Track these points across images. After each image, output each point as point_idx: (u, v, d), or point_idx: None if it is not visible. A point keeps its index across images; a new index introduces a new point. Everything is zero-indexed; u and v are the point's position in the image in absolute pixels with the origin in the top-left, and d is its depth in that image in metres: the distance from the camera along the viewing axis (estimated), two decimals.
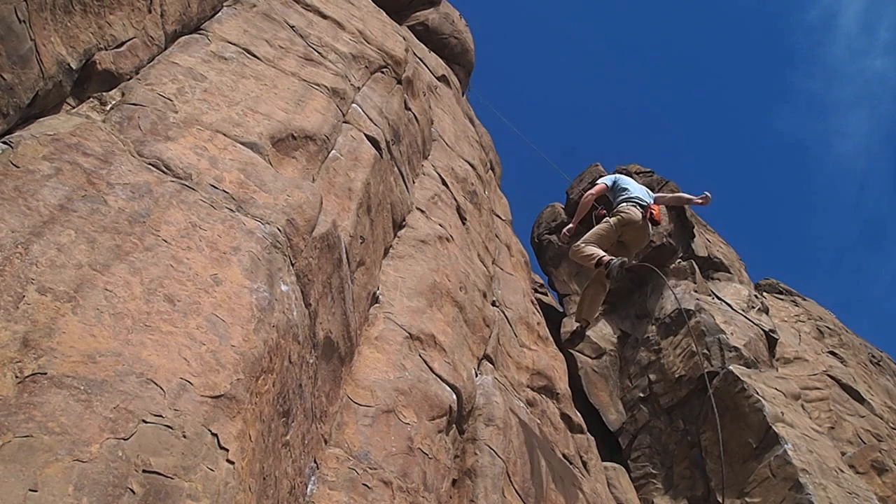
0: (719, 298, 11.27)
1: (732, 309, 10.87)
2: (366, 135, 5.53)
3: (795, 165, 65.55)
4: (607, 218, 6.28)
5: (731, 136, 65.86)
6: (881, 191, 64.66)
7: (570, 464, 6.59)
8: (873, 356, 13.39)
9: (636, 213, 6.10)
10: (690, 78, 65.15)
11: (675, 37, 64.95)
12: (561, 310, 12.20)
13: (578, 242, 6.09)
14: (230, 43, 4.85)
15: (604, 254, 5.75)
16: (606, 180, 6.67)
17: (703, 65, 65.56)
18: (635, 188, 6.46)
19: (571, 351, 11.00)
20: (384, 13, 9.44)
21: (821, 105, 68.39)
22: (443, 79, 11.55)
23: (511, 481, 5.02)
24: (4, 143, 2.85)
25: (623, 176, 6.76)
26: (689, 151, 62.75)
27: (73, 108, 3.46)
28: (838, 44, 68.45)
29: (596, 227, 6.23)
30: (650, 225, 6.19)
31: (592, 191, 6.60)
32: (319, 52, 5.80)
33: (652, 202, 6.38)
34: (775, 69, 66.98)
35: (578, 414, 7.69)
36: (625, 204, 6.21)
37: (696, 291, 11.00)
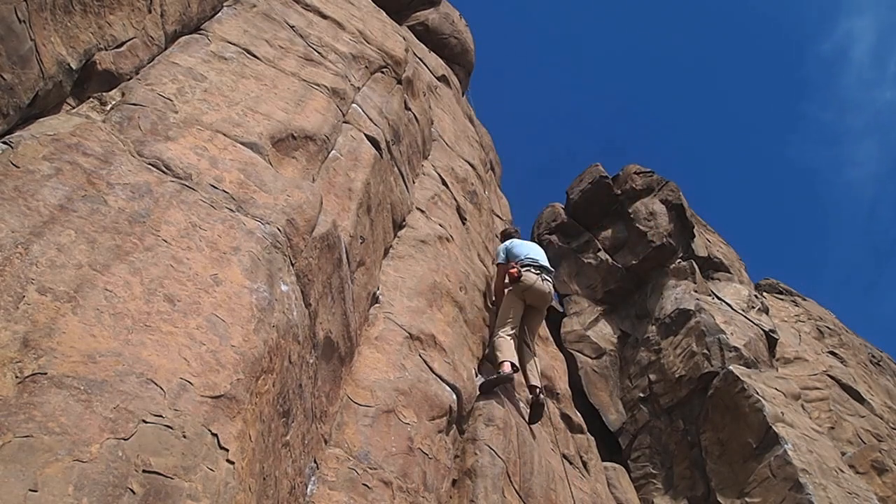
0: (719, 298, 11.27)
1: (732, 309, 10.87)
2: (366, 135, 5.53)
3: (806, 192, 66.96)
4: (509, 288, 6.56)
5: (745, 163, 67.35)
6: (890, 217, 65.86)
7: (571, 464, 6.59)
8: (873, 356, 13.39)
9: (531, 278, 6.42)
10: (707, 108, 66.53)
11: (693, 69, 66.37)
12: (561, 310, 12.20)
13: (497, 329, 6.30)
14: (230, 43, 4.85)
15: (508, 361, 5.93)
16: (500, 253, 6.95)
17: (719, 94, 67.04)
18: (529, 250, 6.77)
19: (571, 351, 11.01)
20: (384, 13, 9.43)
21: (832, 134, 70.05)
22: (443, 79, 11.55)
23: (511, 481, 5.02)
24: (4, 143, 2.85)
25: (515, 240, 7.08)
26: (703, 176, 63.81)
27: (73, 108, 3.46)
28: (850, 75, 70.32)
29: (504, 305, 6.52)
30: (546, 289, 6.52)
31: (498, 275, 6.86)
32: (319, 52, 5.80)
33: (545, 261, 6.74)
34: (789, 100, 68.62)
35: (578, 414, 7.69)
36: (523, 269, 6.48)
37: (696, 291, 11.00)
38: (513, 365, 5.96)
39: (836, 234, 66.60)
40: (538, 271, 6.52)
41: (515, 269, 6.46)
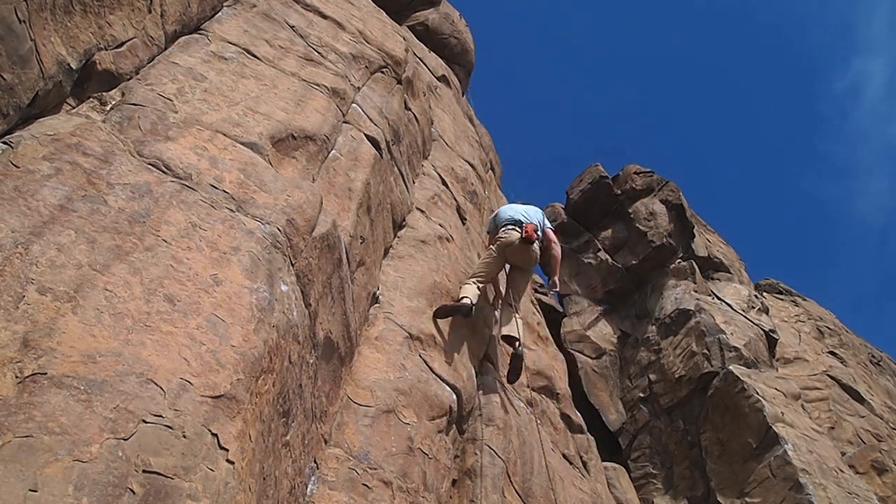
0: (719, 298, 11.27)
1: (732, 309, 10.87)
2: (366, 135, 5.53)
3: (818, 222, 68.63)
4: (490, 246, 6.54)
5: (759, 194, 68.90)
6: None
7: (571, 464, 6.59)
8: (873, 356, 13.39)
9: (512, 235, 6.29)
10: (709, 112, 67.87)
11: (693, 72, 67.95)
12: (561, 310, 12.20)
13: (471, 276, 6.21)
14: (230, 43, 4.85)
15: (466, 296, 5.71)
16: (489, 224, 6.89)
17: (722, 100, 68.29)
18: (513, 211, 6.67)
19: (571, 351, 11.00)
20: (384, 13, 9.43)
21: (844, 167, 71.88)
22: (443, 79, 11.54)
23: (511, 481, 5.02)
24: (4, 143, 2.85)
25: (503, 206, 7.05)
26: (704, 178, 64.71)
27: (73, 108, 3.46)
28: (863, 110, 72.70)
29: (482, 258, 6.52)
30: (528, 244, 6.24)
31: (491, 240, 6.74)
32: (319, 52, 5.80)
33: (536, 222, 6.52)
34: (803, 134, 70.88)
35: (578, 414, 7.69)
36: (503, 229, 6.42)
37: (696, 291, 11.00)
38: (471, 305, 5.63)
39: (847, 265, 68.40)
40: (519, 231, 6.30)
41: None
